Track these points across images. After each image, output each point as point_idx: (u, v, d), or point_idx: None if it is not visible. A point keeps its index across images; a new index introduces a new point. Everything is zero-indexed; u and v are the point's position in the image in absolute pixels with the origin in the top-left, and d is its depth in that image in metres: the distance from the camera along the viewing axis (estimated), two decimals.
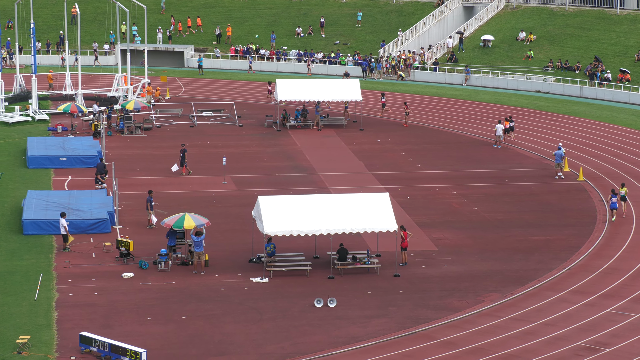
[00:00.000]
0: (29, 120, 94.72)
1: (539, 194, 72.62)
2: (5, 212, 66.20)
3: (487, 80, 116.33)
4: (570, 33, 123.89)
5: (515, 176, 77.22)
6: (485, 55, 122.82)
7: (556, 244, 61.41)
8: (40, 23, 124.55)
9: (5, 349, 45.17)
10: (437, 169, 79.21)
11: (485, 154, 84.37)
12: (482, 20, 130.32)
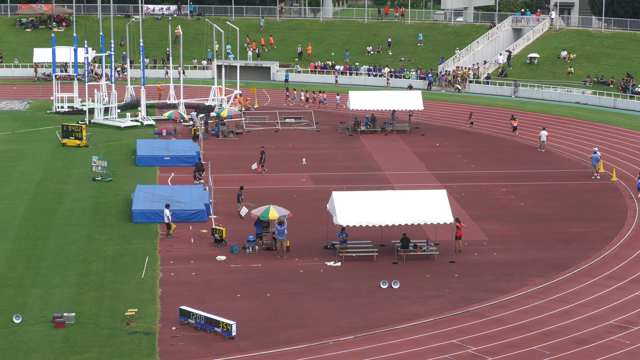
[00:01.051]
0: (138, 125, 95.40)
1: (577, 191, 72.03)
2: (118, 203, 66.77)
3: (532, 92, 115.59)
4: (605, 52, 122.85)
5: (556, 176, 76.68)
6: (531, 71, 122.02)
7: (592, 235, 60.93)
8: (148, 42, 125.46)
9: (116, 320, 45.63)
10: (489, 169, 78.82)
11: (531, 157, 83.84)
12: (529, 40, 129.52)
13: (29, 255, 55.34)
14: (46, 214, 63.92)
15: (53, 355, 42.01)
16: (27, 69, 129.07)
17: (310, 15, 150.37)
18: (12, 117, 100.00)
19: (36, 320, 45.62)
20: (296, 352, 42.73)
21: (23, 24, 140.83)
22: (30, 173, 75.41)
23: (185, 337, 44.02)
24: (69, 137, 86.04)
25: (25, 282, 50.90)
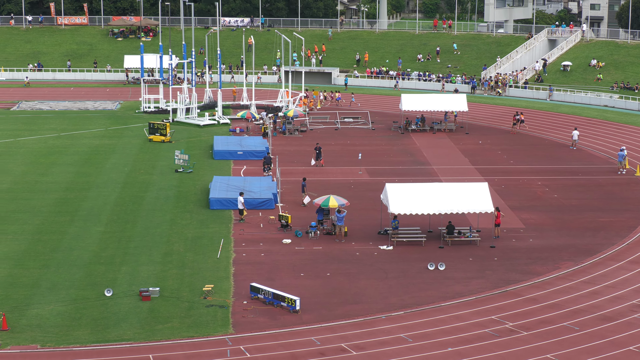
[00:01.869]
0: (215, 124, 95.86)
1: (605, 185, 71.32)
2: (197, 191, 67.17)
3: (565, 96, 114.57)
4: (631, 61, 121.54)
5: (586, 171, 75.96)
6: (564, 77, 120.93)
7: (618, 224, 60.30)
8: (224, 50, 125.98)
9: (195, 295, 45.94)
10: (526, 164, 78.27)
11: (563, 154, 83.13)
12: (563, 50, 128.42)
13: (119, 237, 55.88)
14: (134, 201, 64.48)
15: (139, 324, 42.41)
16: (118, 74, 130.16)
17: (367, 27, 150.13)
18: (105, 116, 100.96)
19: (125, 294, 46.06)
20: (353, 325, 42.79)
21: (115, 34, 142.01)
22: (121, 165, 76.10)
23: (255, 310, 44.22)
24: (155, 133, 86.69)
25: (115, 260, 51.42)
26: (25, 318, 42.98)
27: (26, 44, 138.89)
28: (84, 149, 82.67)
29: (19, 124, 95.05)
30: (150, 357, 39.04)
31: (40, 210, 61.68)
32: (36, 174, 72.57)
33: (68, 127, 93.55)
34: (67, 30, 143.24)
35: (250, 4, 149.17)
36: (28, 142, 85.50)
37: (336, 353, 39.60)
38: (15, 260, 51.27)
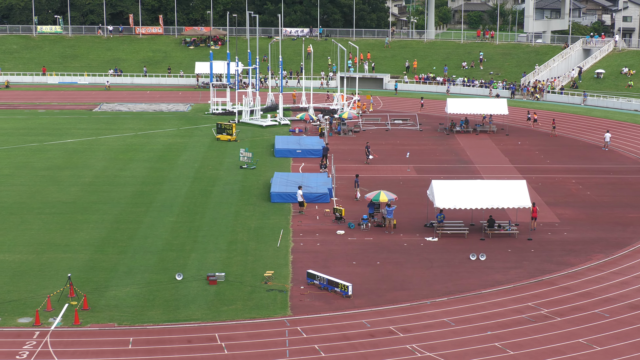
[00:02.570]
0: (276, 124, 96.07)
1: (634, 184, 70.31)
2: (259, 186, 67.37)
3: (598, 101, 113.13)
4: None
5: (617, 171, 74.99)
6: (598, 84, 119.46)
7: None
8: (285, 58, 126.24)
9: (256, 280, 46.10)
10: (561, 164, 77.44)
11: (596, 154, 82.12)
12: (596, 58, 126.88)
13: (189, 226, 56.22)
14: (203, 194, 64.83)
15: (207, 305, 42.65)
16: (190, 79, 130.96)
17: (416, 37, 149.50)
18: (177, 117, 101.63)
19: (194, 278, 46.34)
20: (400, 309, 42.68)
21: (187, 43, 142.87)
22: (191, 161, 76.55)
23: (311, 294, 44.28)
24: (222, 133, 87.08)
25: (185, 248, 51.75)
26: (104, 299, 43.42)
27: (107, 51, 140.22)
28: (158, 146, 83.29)
29: (100, 124, 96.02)
30: (216, 335, 39.26)
31: (119, 202, 62.26)
32: (115, 169, 73.26)
33: (144, 126, 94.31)
34: (144, 39, 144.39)
35: (309, 15, 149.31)
36: (108, 140, 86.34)
37: (384, 335, 39.55)
38: (96, 247, 51.82)
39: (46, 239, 53.21)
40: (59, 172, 71.63)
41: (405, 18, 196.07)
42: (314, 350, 37.89)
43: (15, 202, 61.97)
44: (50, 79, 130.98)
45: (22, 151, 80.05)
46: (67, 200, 62.56)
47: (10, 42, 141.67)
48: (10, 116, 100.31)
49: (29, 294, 43.86)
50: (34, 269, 47.84)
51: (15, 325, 40.24)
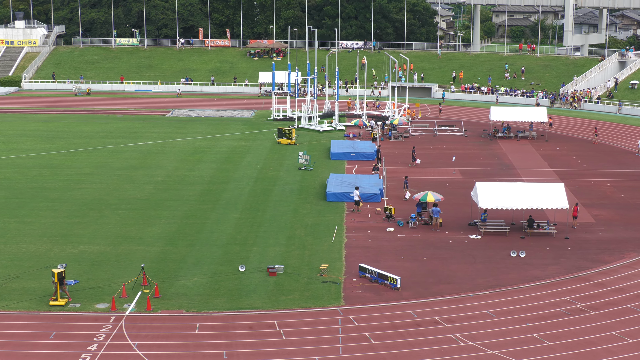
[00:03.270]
0: (332, 130, 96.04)
1: None
2: (316, 186, 67.41)
3: (633, 110, 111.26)
4: None
5: None
6: (632, 94, 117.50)
7: None
8: (341, 68, 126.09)
9: (313, 272, 46.15)
10: (597, 168, 76.31)
11: (630, 160, 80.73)
12: (631, 70, 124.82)
13: (251, 222, 56.44)
14: (264, 193, 65.04)
15: (267, 295, 42.78)
16: (253, 87, 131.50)
17: (462, 49, 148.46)
18: (242, 122, 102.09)
19: (255, 270, 46.51)
20: (445, 301, 42.43)
21: (252, 54, 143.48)
22: (254, 163, 76.85)
23: (362, 286, 44.20)
24: (282, 137, 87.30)
25: (248, 242, 51.96)
26: (173, 287, 43.77)
27: (179, 62, 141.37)
28: (224, 149, 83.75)
29: (172, 128, 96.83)
30: (275, 322, 39.36)
31: (188, 199, 62.72)
32: (185, 169, 73.81)
33: (212, 131, 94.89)
34: (213, 51, 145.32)
35: (364, 29, 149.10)
36: (179, 142, 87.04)
37: (430, 325, 39.34)
38: (167, 240, 52.25)
39: (122, 232, 53.80)
40: (134, 171, 72.37)
41: (453, 32, 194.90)
42: (365, 337, 37.83)
43: (95, 198, 62.75)
44: (127, 87, 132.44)
45: (101, 152, 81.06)
46: (142, 197, 63.19)
47: (91, 53, 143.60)
48: (91, 120, 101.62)
49: (106, 282, 44.38)
50: (111, 259, 48.40)
51: (94, 310, 40.74)
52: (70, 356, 35.65)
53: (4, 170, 71.99)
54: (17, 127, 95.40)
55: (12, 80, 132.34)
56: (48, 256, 48.75)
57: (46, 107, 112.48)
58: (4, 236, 52.70)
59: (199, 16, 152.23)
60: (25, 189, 65.27)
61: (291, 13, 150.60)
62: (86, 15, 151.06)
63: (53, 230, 54.01)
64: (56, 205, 60.53)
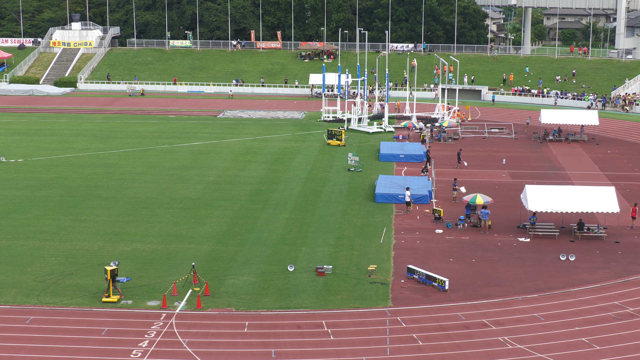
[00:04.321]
0: (381, 131, 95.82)
1: None
2: (365, 187, 67.29)
3: None
4: None
5: None
6: None
7: None
8: (391, 71, 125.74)
9: (361, 272, 46.07)
10: None
11: None
12: None
13: (300, 223, 56.52)
14: (314, 194, 65.10)
15: (315, 295, 42.80)
16: (304, 89, 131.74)
17: (513, 52, 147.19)
18: (292, 123, 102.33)
19: (304, 270, 46.57)
20: (493, 304, 42.07)
21: (302, 56, 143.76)
22: (304, 164, 76.97)
23: (410, 288, 44.02)
24: (332, 138, 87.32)
25: (297, 242, 52.04)
26: (223, 286, 44.00)
27: (231, 63, 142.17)
28: (275, 150, 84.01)
29: (223, 129, 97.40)
30: (323, 322, 39.35)
31: (238, 199, 63.02)
32: (236, 169, 74.19)
33: (262, 132, 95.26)
34: (264, 53, 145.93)
35: (414, 32, 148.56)
36: (230, 143, 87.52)
37: (478, 327, 39.04)
38: (218, 239, 52.55)
39: (173, 231, 54.23)
40: (186, 171, 72.93)
41: (503, 35, 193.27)
42: (413, 339, 37.66)
43: (147, 197, 63.36)
44: (180, 88, 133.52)
45: (154, 152, 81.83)
46: (193, 197, 63.65)
47: (145, 55, 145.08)
48: (145, 121, 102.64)
49: (157, 280, 44.77)
50: (162, 257, 48.82)
51: (145, 307, 41.11)
52: (121, 352, 36.01)
53: (59, 169, 73.05)
54: (73, 127, 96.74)
55: (68, 81, 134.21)
56: (101, 254, 49.34)
57: (101, 108, 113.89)
58: (59, 233, 53.47)
59: (251, 18, 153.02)
60: (79, 188, 66.15)
61: (342, 15, 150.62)
62: (141, 17, 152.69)
63: (106, 228, 54.65)
64: (109, 203, 61.24)
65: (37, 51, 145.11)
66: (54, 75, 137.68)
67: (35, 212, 58.63)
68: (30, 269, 46.51)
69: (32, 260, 48.02)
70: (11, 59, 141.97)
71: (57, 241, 51.80)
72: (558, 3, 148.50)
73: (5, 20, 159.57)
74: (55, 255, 48.95)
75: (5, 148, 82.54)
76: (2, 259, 48.21)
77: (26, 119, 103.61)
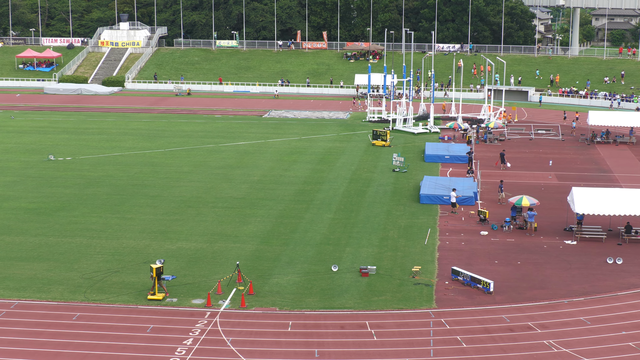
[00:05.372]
0: (427, 132, 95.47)
1: None
2: (410, 188, 67.07)
3: None
4: None
5: None
6: None
7: None
8: (437, 71, 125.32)
9: (405, 274, 45.91)
10: None
11: None
12: None
13: (345, 223, 56.50)
14: (358, 194, 65.03)
15: (359, 295, 42.75)
16: (349, 89, 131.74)
17: (560, 53, 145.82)
18: (337, 124, 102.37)
19: (348, 270, 46.54)
20: (538, 307, 41.67)
21: (348, 57, 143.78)
22: (349, 164, 76.94)
23: (455, 289, 43.77)
24: (377, 139, 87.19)
25: (341, 242, 52.02)
26: (267, 285, 44.13)
27: (276, 63, 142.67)
28: (319, 150, 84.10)
29: (268, 129, 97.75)
30: (367, 323, 39.30)
31: (283, 199, 63.18)
32: (281, 169, 74.40)
33: (307, 132, 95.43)
34: (310, 53, 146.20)
35: (460, 32, 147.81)
36: (275, 143, 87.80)
37: (523, 330, 38.70)
38: (262, 238, 52.74)
39: (218, 230, 54.54)
40: (231, 170, 73.31)
41: (551, 35, 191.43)
42: (456, 341, 37.45)
43: (193, 196, 63.79)
44: (226, 88, 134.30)
45: (200, 151, 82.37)
46: (238, 196, 63.96)
47: (192, 55, 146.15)
48: (191, 120, 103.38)
49: (202, 279, 45.05)
50: (207, 256, 49.12)
51: (190, 305, 41.40)
52: (166, 350, 36.30)
53: (106, 168, 73.87)
54: (120, 126, 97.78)
55: (116, 80, 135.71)
56: (147, 251, 49.79)
57: (148, 107, 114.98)
58: (106, 231, 54.06)
59: (297, 19, 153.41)
60: (126, 186, 66.82)
61: (388, 16, 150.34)
62: (188, 17, 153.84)
63: (152, 227, 55.13)
64: (156, 202, 61.78)
65: (86, 51, 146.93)
66: (102, 74, 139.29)
67: (83, 210, 59.37)
68: (78, 266, 47.10)
69: (79, 258, 48.62)
70: (60, 58, 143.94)
71: (103, 239, 52.39)
72: (607, 3, 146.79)
73: (55, 20, 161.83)
74: (102, 253, 49.51)
75: (54, 146, 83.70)
76: (50, 256, 48.90)
77: (74, 117, 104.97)
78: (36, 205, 60.67)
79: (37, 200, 61.94)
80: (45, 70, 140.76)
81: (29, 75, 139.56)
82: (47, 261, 47.94)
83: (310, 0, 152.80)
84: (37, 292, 42.92)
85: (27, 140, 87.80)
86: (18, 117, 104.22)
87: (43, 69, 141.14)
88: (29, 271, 46.11)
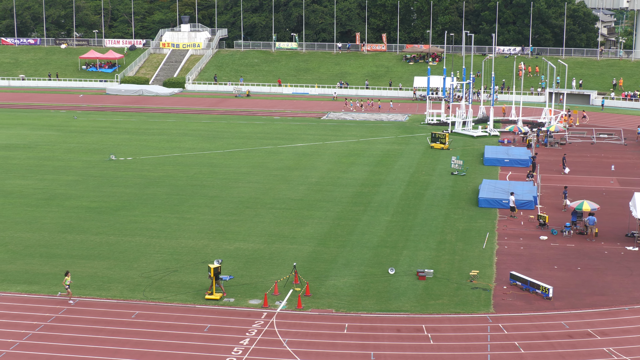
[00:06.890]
0: (486, 135, 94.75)
1: None
2: (468, 191, 66.60)
3: None
4: None
5: None
6: None
7: None
8: (497, 74, 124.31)
9: (462, 277, 45.59)
10: None
11: None
12: None
13: (402, 226, 56.33)
14: (416, 197, 64.79)
15: (415, 299, 42.57)
16: (407, 92, 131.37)
17: (624, 56, 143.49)
18: (396, 126, 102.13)
19: (405, 273, 46.38)
20: (598, 313, 41.03)
21: (407, 59, 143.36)
22: (407, 167, 76.70)
23: (513, 294, 43.34)
24: (436, 141, 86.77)
25: (398, 245, 51.87)
26: (324, 287, 44.19)
27: (336, 65, 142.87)
28: (378, 152, 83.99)
29: (327, 130, 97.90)
30: (423, 326, 39.10)
31: (340, 201, 63.22)
32: (338, 171, 74.46)
33: (366, 134, 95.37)
34: (369, 55, 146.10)
35: (522, 35, 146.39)
36: (333, 145, 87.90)
37: (582, 337, 38.14)
38: (319, 240, 52.83)
39: (276, 231, 54.78)
40: (289, 172, 73.59)
41: (614, 38, 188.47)
42: (514, 346, 37.06)
43: (251, 197, 64.18)
44: (285, 90, 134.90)
45: (258, 153, 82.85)
46: (295, 198, 64.16)
47: (252, 57, 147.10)
48: (250, 122, 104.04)
49: (259, 279, 45.29)
50: (264, 257, 49.37)
51: (247, 305, 41.64)
52: (223, 349, 36.56)
53: (166, 168, 74.72)
54: (180, 127, 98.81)
55: (177, 82, 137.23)
56: (205, 251, 50.22)
57: (207, 108, 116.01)
58: (165, 231, 54.67)
59: (357, 21, 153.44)
60: (185, 186, 67.51)
61: (448, 18, 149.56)
62: (248, 19, 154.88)
63: (210, 227, 55.60)
64: (214, 202, 62.29)
65: (147, 52, 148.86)
66: (163, 75, 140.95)
67: (143, 210, 60.13)
68: (137, 265, 47.71)
69: (139, 257, 49.25)
70: (122, 59, 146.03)
71: (162, 238, 52.99)
72: None
73: (118, 22, 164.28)
74: (161, 252, 50.08)
75: (115, 146, 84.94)
76: (110, 255, 49.62)
77: (135, 118, 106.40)
78: (97, 204, 61.63)
79: (98, 200, 62.92)
80: (108, 72, 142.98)
81: (92, 76, 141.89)
82: (107, 259, 48.67)
83: (370, 2, 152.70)
84: (97, 290, 43.59)
85: (89, 140, 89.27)
86: (81, 118, 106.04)
87: (105, 70, 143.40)
88: (89, 269, 46.85)
